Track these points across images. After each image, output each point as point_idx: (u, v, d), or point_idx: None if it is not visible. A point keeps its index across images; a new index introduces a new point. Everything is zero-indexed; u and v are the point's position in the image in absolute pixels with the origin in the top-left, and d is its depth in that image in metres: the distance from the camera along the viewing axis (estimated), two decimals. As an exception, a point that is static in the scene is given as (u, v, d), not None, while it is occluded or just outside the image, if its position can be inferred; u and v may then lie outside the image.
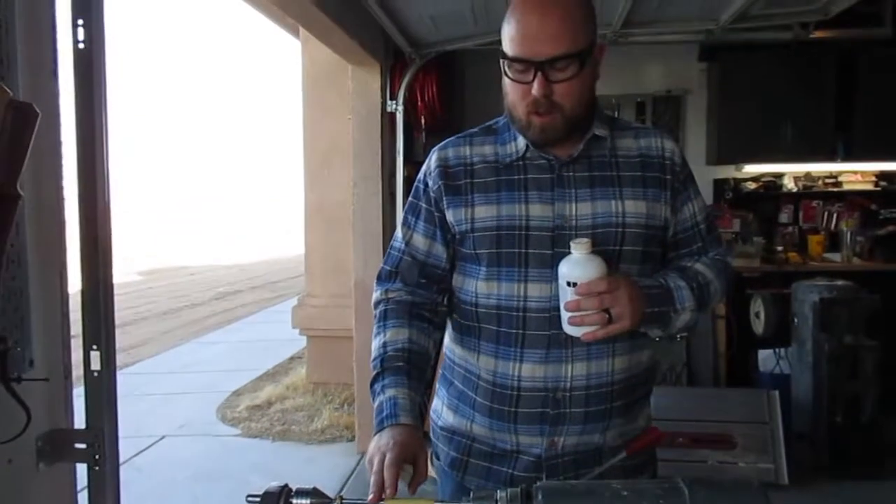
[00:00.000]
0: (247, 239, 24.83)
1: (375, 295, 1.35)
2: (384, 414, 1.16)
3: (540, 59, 1.13)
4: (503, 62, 1.18)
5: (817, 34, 3.90)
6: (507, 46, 1.17)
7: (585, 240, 1.14)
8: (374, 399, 1.21)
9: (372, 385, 1.23)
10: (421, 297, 1.31)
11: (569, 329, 1.16)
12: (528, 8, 1.15)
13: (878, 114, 4.35)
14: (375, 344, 1.27)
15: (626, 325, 1.14)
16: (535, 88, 1.14)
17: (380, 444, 1.09)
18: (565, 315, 1.15)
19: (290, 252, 15.60)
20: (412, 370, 1.22)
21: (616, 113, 4.65)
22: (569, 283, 1.13)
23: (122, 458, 1.19)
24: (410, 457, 1.08)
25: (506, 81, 1.20)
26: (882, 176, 4.74)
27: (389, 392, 1.18)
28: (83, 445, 1.12)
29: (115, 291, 1.21)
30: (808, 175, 4.79)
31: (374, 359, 1.25)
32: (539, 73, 1.13)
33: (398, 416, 1.15)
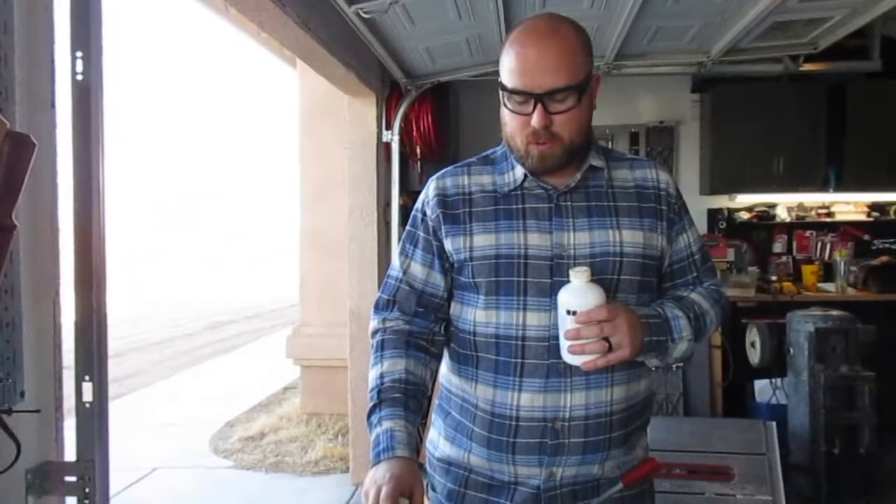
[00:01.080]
0: (242, 267, 24.76)
1: (373, 324, 1.34)
2: (381, 447, 1.15)
3: (539, 92, 1.14)
4: (502, 93, 1.19)
5: (807, 67, 3.97)
6: (507, 78, 1.18)
7: (585, 268, 1.14)
8: (371, 431, 1.20)
9: (369, 417, 1.22)
10: (418, 327, 1.31)
11: (568, 358, 1.16)
12: (527, 41, 1.17)
13: (868, 145, 4.40)
14: (372, 374, 1.26)
15: (626, 353, 1.14)
16: (535, 120, 1.16)
17: (375, 477, 1.09)
18: (565, 343, 1.15)
19: (286, 281, 15.56)
20: (409, 402, 1.21)
21: (610, 143, 4.70)
22: (569, 312, 1.13)
23: (112, 491, 1.17)
24: (407, 490, 1.07)
25: (504, 111, 1.21)
26: (874, 206, 4.78)
27: (386, 424, 1.17)
28: (73, 478, 1.10)
29: (108, 321, 1.20)
30: (800, 205, 4.82)
31: (371, 390, 1.24)
32: (539, 105, 1.15)
33: (395, 448, 1.14)
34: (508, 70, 1.18)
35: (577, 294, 1.13)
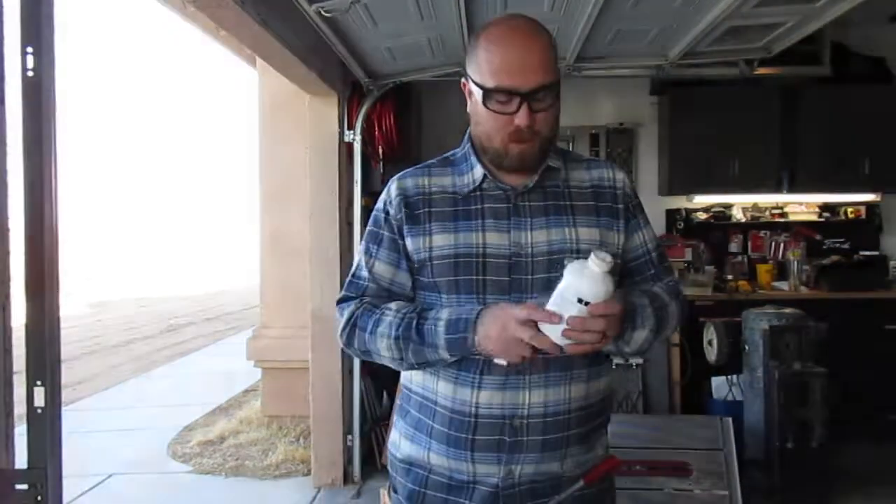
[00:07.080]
0: (202, 269, 24.38)
1: (347, 311, 1.30)
2: (463, 317, 1.17)
3: (525, 90, 1.16)
4: (480, 93, 1.19)
5: (761, 71, 4.07)
6: (488, 78, 1.18)
7: (608, 255, 1.07)
8: (424, 335, 1.20)
9: (416, 326, 1.21)
10: None
11: (555, 337, 1.08)
12: (510, 41, 1.18)
13: (819, 148, 4.53)
14: (386, 321, 1.24)
15: (608, 342, 1.14)
16: (521, 118, 1.17)
17: (500, 318, 1.12)
18: (555, 328, 1.08)
19: (246, 283, 15.36)
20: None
21: (571, 144, 4.76)
22: (580, 300, 1.06)
23: (65, 499, 1.15)
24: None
25: (480, 111, 1.22)
26: (825, 207, 4.93)
27: (445, 313, 1.20)
28: (24, 486, 1.07)
29: (62, 324, 1.17)
30: (755, 206, 4.94)
31: (399, 319, 1.23)
32: (525, 103, 1.16)
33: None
34: (491, 70, 1.18)
35: (595, 283, 1.06)
